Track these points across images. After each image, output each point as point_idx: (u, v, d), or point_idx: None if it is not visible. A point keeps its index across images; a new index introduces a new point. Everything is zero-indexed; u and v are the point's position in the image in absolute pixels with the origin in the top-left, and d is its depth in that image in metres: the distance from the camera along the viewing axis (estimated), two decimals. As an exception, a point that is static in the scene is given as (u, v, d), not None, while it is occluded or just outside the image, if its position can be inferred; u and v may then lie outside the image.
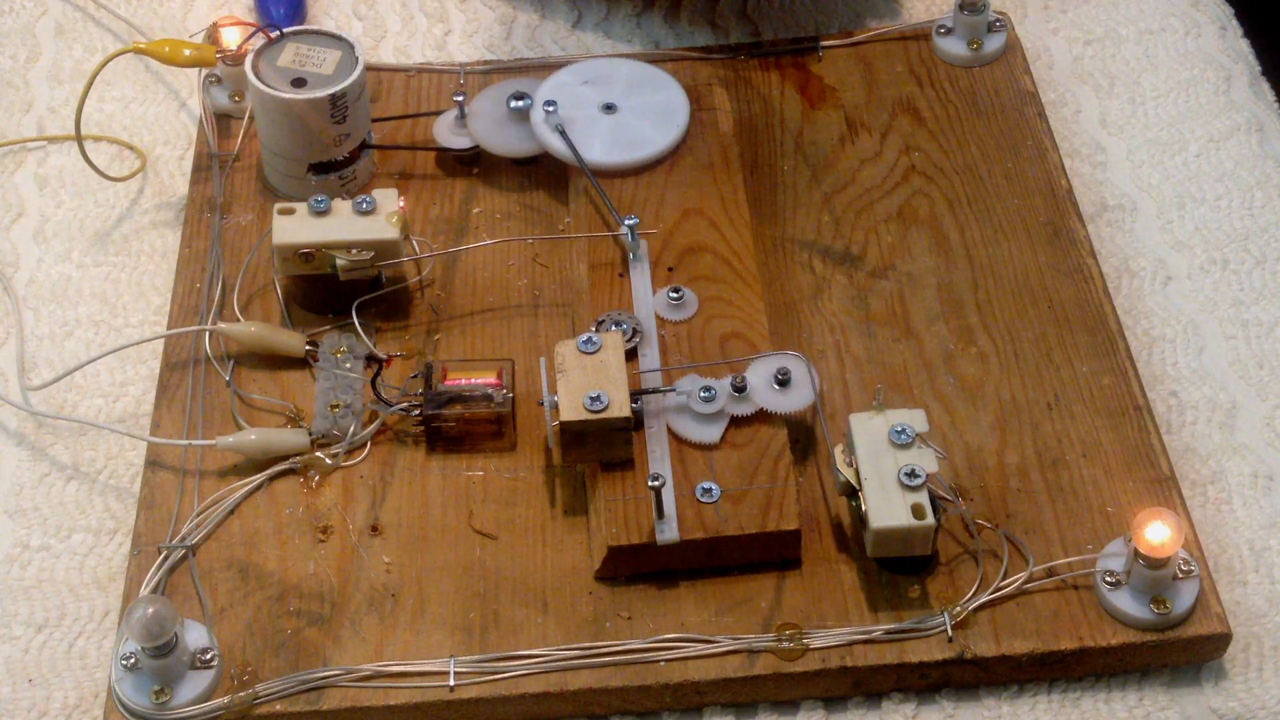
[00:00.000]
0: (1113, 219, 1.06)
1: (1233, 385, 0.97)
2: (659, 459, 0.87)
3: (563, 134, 1.01)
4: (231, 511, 0.89)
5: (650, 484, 0.84)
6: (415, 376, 0.93)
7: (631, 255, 0.96)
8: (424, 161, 1.07)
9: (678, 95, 1.04)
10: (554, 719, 0.83)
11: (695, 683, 0.82)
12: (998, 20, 1.13)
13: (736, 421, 0.88)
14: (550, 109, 1.02)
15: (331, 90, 0.99)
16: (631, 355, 0.91)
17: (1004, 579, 0.85)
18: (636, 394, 0.88)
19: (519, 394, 0.93)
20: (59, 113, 1.13)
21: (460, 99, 1.06)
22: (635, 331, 0.92)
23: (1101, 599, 0.84)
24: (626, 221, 0.96)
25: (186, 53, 1.05)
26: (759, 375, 0.89)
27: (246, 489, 0.90)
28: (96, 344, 0.99)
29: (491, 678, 0.82)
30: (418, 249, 1.01)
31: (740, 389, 0.88)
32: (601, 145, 1.01)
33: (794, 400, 0.89)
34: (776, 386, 0.89)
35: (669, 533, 0.85)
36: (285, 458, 0.91)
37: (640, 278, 0.95)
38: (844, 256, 1.01)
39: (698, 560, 0.85)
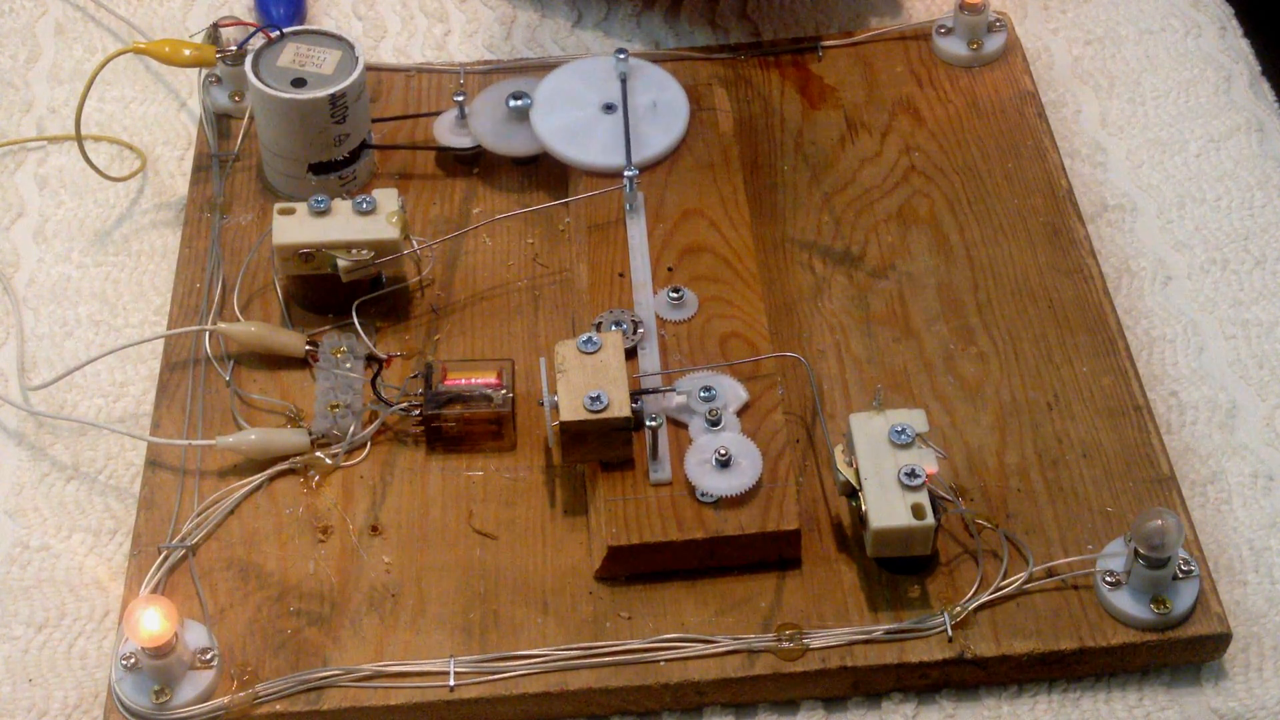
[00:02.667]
0: (1113, 219, 1.06)
1: (1233, 385, 0.97)
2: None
3: (623, 83, 1.02)
4: (231, 511, 0.89)
5: (648, 423, 0.85)
6: (415, 376, 0.93)
7: (628, 206, 0.96)
8: (424, 161, 1.07)
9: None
10: (554, 719, 0.83)
11: (695, 683, 0.82)
12: (998, 20, 1.13)
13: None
14: (622, 55, 1.03)
15: (331, 90, 0.99)
16: (631, 355, 0.91)
17: (1004, 579, 0.85)
18: (636, 394, 0.88)
19: (519, 394, 0.93)
20: (59, 113, 1.13)
21: (460, 99, 1.06)
22: (636, 327, 0.92)
23: (1101, 599, 0.84)
24: (626, 172, 0.96)
25: (186, 53, 1.05)
26: (698, 455, 0.86)
27: (246, 489, 0.90)
28: (96, 344, 0.99)
29: (491, 678, 0.82)
30: (417, 249, 1.01)
31: (715, 422, 0.88)
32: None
33: (730, 483, 0.85)
34: (715, 466, 0.86)
35: (662, 473, 0.85)
36: (285, 458, 0.91)
37: (636, 228, 0.95)
38: (844, 256, 1.01)
39: (698, 560, 0.85)
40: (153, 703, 0.81)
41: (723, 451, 0.86)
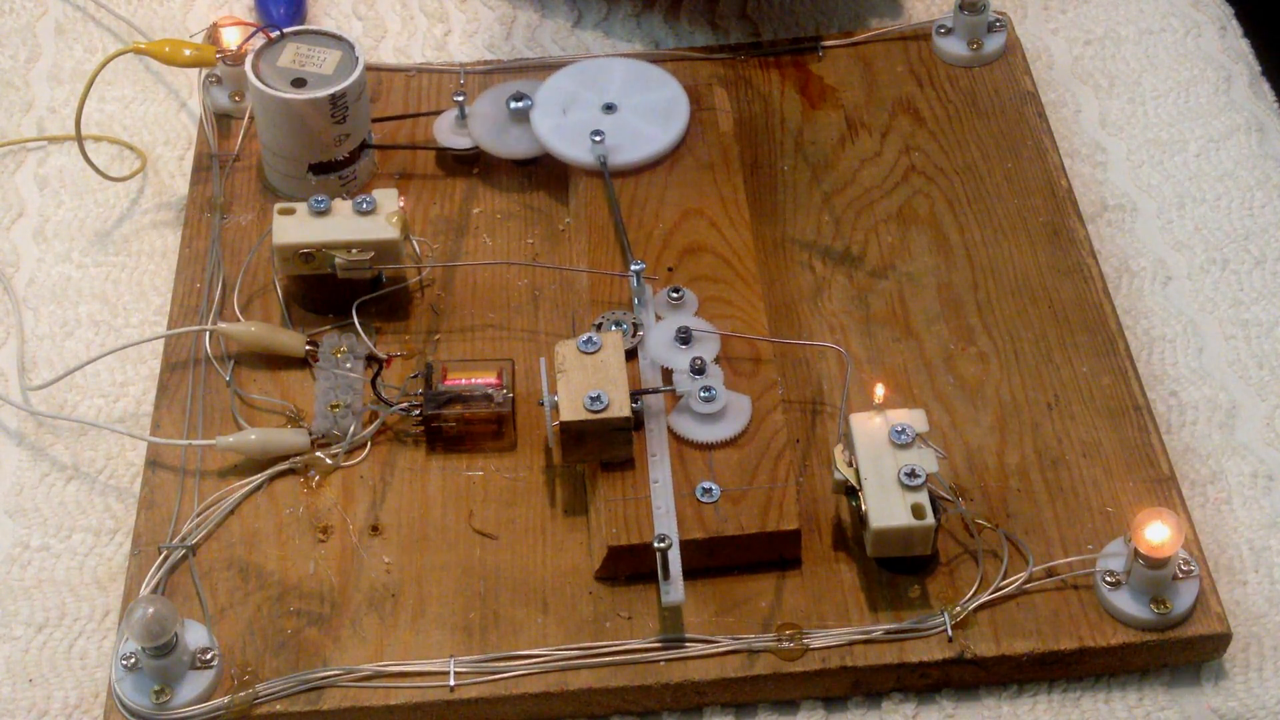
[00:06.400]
0: (1113, 219, 1.06)
1: (1233, 385, 0.97)
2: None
3: (604, 164, 1.00)
4: (231, 511, 0.89)
5: (656, 545, 0.82)
6: (415, 376, 0.93)
7: (636, 300, 0.95)
8: (424, 161, 1.07)
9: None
10: (554, 719, 0.83)
11: (695, 683, 0.82)
12: (998, 20, 1.13)
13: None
14: (598, 139, 1.01)
15: (331, 90, 0.99)
16: (631, 355, 0.91)
17: (1004, 579, 0.85)
18: (636, 394, 0.88)
19: (519, 394, 0.93)
20: (59, 113, 1.13)
21: (460, 99, 1.06)
22: (637, 329, 0.92)
23: (1101, 599, 0.84)
24: (633, 267, 0.94)
25: (186, 53, 1.05)
26: (661, 335, 0.91)
27: (246, 489, 0.90)
28: (96, 344, 0.99)
29: (491, 678, 0.82)
30: (418, 249, 1.01)
31: (700, 371, 0.89)
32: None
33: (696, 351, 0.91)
34: (679, 345, 0.90)
35: (674, 594, 0.82)
36: (285, 458, 0.91)
37: (646, 318, 0.94)
38: (844, 256, 1.01)
39: (698, 560, 0.85)
40: (153, 703, 0.81)
41: (681, 331, 0.90)
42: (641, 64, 1.07)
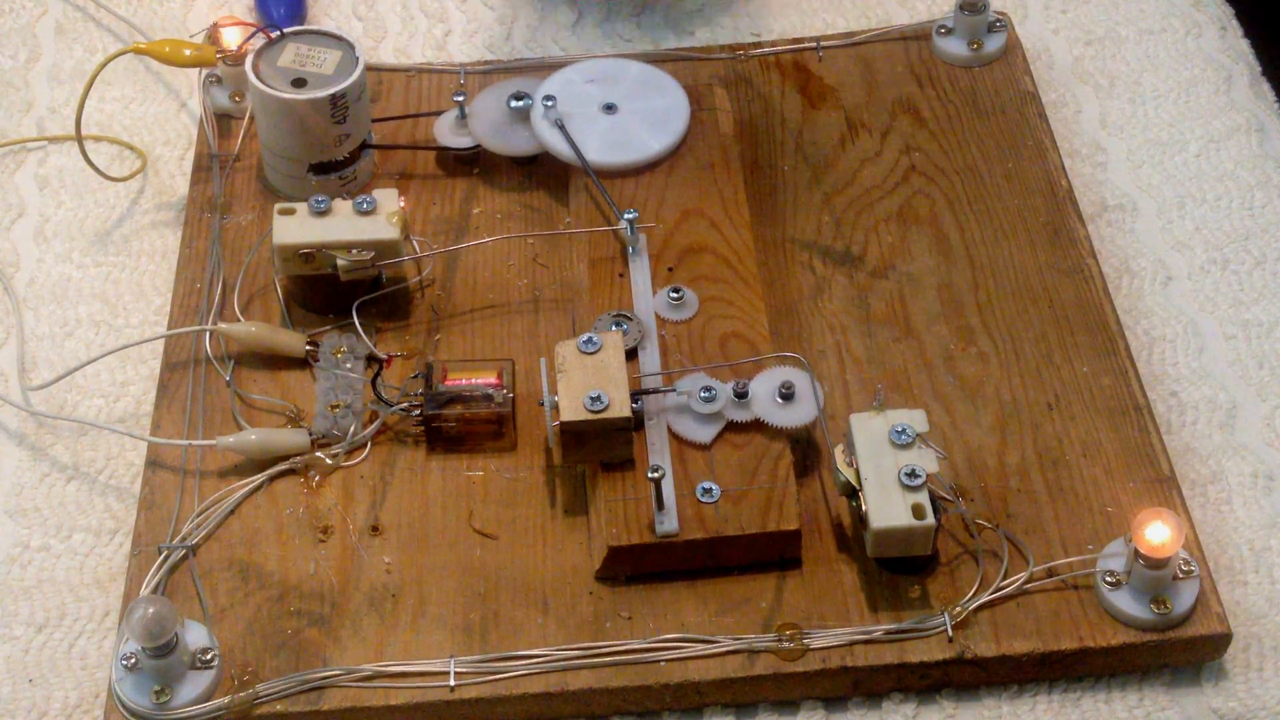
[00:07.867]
0: (1113, 219, 1.06)
1: (1233, 385, 0.97)
2: (659, 458, 0.87)
3: (561, 128, 1.00)
4: (231, 511, 0.89)
5: (650, 475, 0.84)
6: (415, 376, 0.93)
7: (631, 249, 0.95)
8: (424, 161, 1.07)
9: (679, 101, 1.04)
10: (554, 719, 0.83)
11: (695, 683, 0.82)
12: (998, 20, 1.13)
13: (733, 426, 0.88)
14: (549, 104, 1.02)
15: (332, 90, 0.99)
16: (632, 355, 0.91)
17: (1004, 579, 0.85)
18: (636, 394, 0.88)
19: (519, 394, 0.93)
20: (59, 113, 1.13)
21: (460, 99, 1.06)
22: (636, 328, 0.92)
23: (1101, 599, 0.84)
24: (626, 215, 0.96)
25: (186, 53, 1.05)
26: (763, 385, 0.89)
27: (246, 489, 0.90)
28: (96, 344, 0.99)
29: (492, 678, 0.82)
30: (418, 249, 1.01)
31: (742, 395, 0.88)
32: (597, 145, 1.01)
33: (795, 415, 0.88)
34: (780, 400, 0.88)
35: (669, 524, 0.84)
36: (285, 458, 0.91)
37: (640, 272, 0.95)
38: (844, 256, 1.01)
39: (698, 560, 0.85)
40: (153, 703, 0.81)
41: (786, 385, 0.88)
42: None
